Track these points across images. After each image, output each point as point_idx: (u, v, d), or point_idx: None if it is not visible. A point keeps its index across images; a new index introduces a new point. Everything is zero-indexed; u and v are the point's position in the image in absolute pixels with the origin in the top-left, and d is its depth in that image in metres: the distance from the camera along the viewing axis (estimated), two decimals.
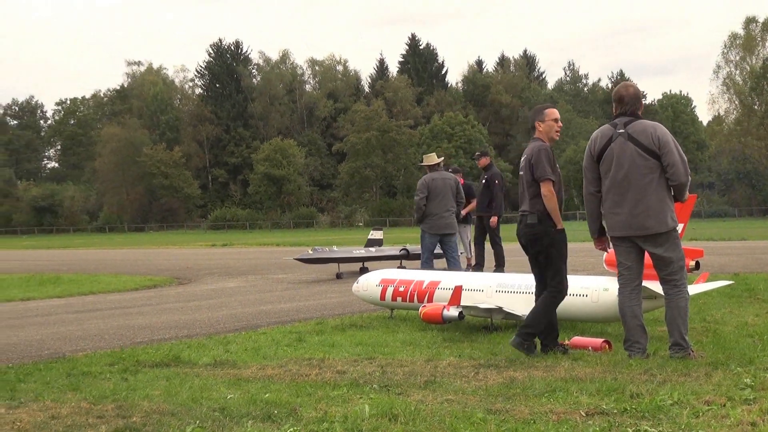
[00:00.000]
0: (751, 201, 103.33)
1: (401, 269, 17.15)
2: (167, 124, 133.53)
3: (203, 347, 11.79)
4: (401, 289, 13.72)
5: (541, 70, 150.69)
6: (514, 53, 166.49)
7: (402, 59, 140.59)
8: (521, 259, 26.12)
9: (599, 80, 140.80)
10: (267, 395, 8.15)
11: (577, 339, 10.40)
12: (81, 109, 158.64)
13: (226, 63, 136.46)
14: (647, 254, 9.74)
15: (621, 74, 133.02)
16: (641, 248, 9.69)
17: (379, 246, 27.95)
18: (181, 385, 8.91)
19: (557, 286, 10.16)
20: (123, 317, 16.80)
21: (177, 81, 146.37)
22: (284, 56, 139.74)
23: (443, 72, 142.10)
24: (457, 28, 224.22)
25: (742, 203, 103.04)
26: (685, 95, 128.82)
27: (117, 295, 22.47)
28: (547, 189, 10.03)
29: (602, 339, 10.40)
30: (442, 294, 12.86)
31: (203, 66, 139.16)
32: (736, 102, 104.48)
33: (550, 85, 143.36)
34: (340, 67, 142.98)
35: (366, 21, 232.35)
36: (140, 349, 11.82)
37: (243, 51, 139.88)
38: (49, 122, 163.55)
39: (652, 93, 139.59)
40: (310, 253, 26.18)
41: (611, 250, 10.19)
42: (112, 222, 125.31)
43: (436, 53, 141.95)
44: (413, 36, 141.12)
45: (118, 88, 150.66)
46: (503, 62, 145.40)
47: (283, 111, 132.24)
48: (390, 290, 13.89)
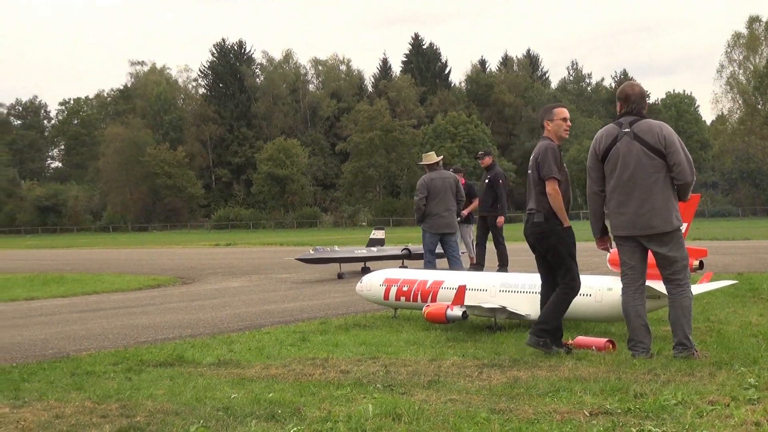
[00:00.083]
0: (755, 200, 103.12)
1: (403, 269, 17.12)
2: (171, 124, 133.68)
3: (207, 347, 11.78)
4: (405, 289, 13.70)
5: (545, 70, 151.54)
6: (518, 53, 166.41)
7: (405, 59, 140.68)
8: (524, 259, 26.21)
9: (602, 80, 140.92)
10: (271, 395, 8.13)
11: (581, 339, 10.38)
12: (84, 109, 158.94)
13: (230, 63, 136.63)
14: (650, 254, 9.74)
15: (624, 74, 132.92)
16: (645, 248, 9.68)
17: (381, 246, 27.88)
18: (185, 385, 8.90)
19: (569, 283, 10.16)
20: (127, 317, 16.80)
21: (180, 81, 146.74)
22: (287, 56, 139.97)
23: (446, 71, 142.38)
24: (461, 28, 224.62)
25: (746, 203, 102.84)
26: (689, 95, 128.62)
27: (121, 295, 22.47)
28: (552, 187, 10.03)
29: (606, 339, 10.37)
30: (446, 293, 12.84)
31: (206, 66, 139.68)
32: (740, 101, 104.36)
33: (554, 85, 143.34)
34: (344, 67, 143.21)
35: (369, 21, 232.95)
36: (144, 349, 11.82)
37: (246, 51, 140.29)
38: (53, 122, 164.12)
39: (656, 92, 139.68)
40: (312, 253, 26.05)
41: (614, 250, 10.17)
42: (116, 222, 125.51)
43: (440, 53, 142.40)
44: (416, 36, 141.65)
45: (122, 88, 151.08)
46: (506, 62, 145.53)
47: (287, 111, 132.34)
48: (393, 290, 13.87)
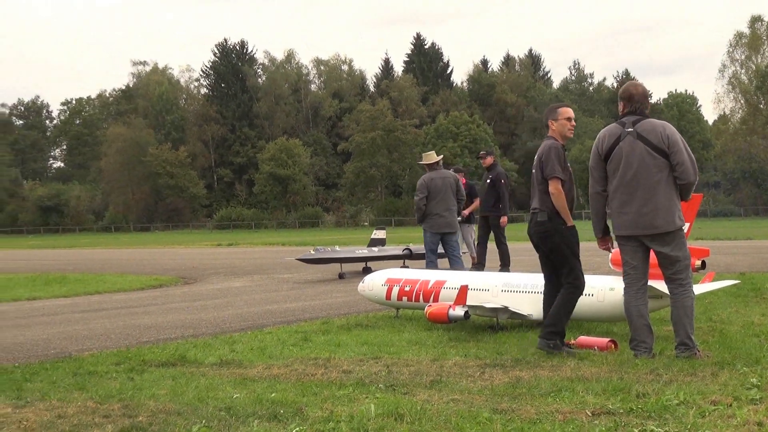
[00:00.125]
0: (757, 200, 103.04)
1: (405, 269, 17.10)
2: (173, 124, 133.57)
3: (209, 347, 11.78)
4: (407, 289, 13.69)
5: (547, 70, 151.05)
6: (520, 53, 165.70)
7: (407, 59, 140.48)
8: (526, 259, 26.23)
9: (604, 79, 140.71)
10: (273, 395, 8.13)
11: (583, 338, 10.37)
12: (86, 109, 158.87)
13: (232, 63, 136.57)
14: (652, 253, 9.74)
15: (626, 73, 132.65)
16: (647, 248, 9.68)
17: (382, 246, 27.78)
18: (187, 385, 8.90)
19: (574, 282, 10.16)
20: (129, 317, 16.80)
21: (182, 81, 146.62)
22: (289, 56, 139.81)
23: (448, 71, 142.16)
24: (462, 28, 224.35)
25: (748, 202, 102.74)
26: (691, 94, 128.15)
27: (123, 295, 22.47)
28: (555, 187, 10.03)
29: (608, 338, 10.35)
30: (448, 293, 12.84)
31: (208, 66, 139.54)
32: (742, 101, 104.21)
33: (556, 85, 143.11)
34: (345, 67, 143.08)
35: (371, 20, 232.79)
36: (146, 349, 11.82)
37: (248, 51, 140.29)
38: (55, 122, 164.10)
39: (658, 92, 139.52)
40: (312, 254, 25.97)
41: (616, 250, 10.17)
42: (118, 222, 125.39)
43: (442, 53, 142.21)
44: (418, 35, 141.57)
45: (124, 88, 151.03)
46: (508, 62, 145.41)
47: (289, 111, 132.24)
48: (396, 290, 13.87)
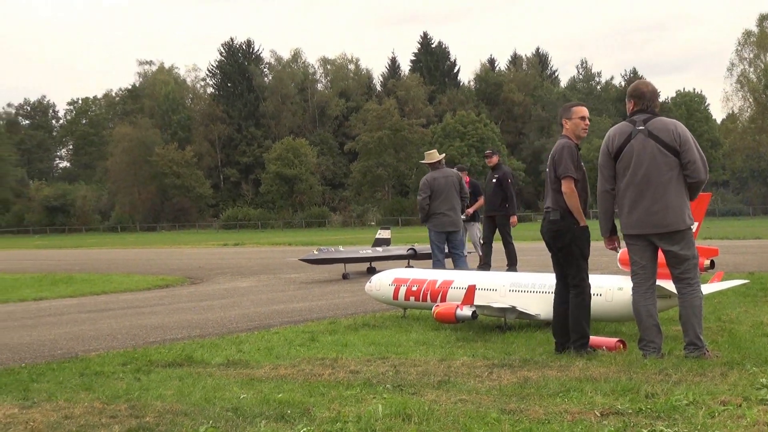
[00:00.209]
0: (766, 199, 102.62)
1: (412, 268, 17.03)
2: (179, 124, 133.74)
3: (216, 347, 11.78)
4: (414, 289, 13.68)
5: (554, 68, 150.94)
6: (527, 51, 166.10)
7: (414, 58, 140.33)
8: (534, 258, 26.21)
9: (612, 78, 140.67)
10: (280, 395, 8.12)
11: (592, 339, 10.30)
12: (93, 109, 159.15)
13: (238, 62, 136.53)
14: (661, 253, 9.69)
15: (634, 72, 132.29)
16: (656, 247, 9.64)
17: (387, 245, 27.69)
18: (194, 385, 8.90)
19: (579, 284, 10.11)
20: (135, 317, 16.82)
21: (188, 80, 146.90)
22: (296, 55, 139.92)
23: (455, 70, 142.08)
24: (469, 27, 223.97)
25: (757, 201, 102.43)
26: (699, 93, 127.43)
27: (129, 295, 22.50)
28: (568, 186, 9.98)
29: (617, 338, 10.36)
30: (456, 293, 12.82)
31: (215, 65, 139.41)
32: (751, 99, 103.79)
33: (563, 84, 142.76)
34: (352, 66, 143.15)
35: (378, 20, 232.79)
36: (153, 349, 11.83)
37: (254, 50, 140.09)
38: (61, 122, 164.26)
39: (666, 91, 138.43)
40: (316, 254, 25.79)
41: (624, 249, 10.13)
42: (124, 221, 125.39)
43: (448, 52, 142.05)
44: (425, 34, 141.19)
45: (130, 88, 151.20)
46: (516, 60, 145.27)
47: (295, 110, 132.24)
48: (403, 290, 13.85)
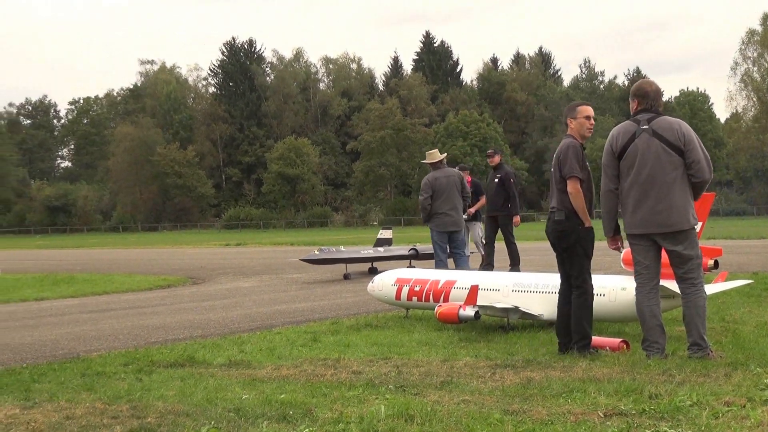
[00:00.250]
0: None
1: (413, 269, 16.99)
2: (181, 123, 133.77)
3: (218, 347, 11.77)
4: (417, 289, 13.65)
5: (557, 68, 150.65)
6: (530, 50, 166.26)
7: (416, 57, 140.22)
8: (536, 258, 26.19)
9: (615, 77, 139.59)
10: (282, 396, 8.11)
11: (595, 339, 10.27)
12: (94, 109, 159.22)
13: (240, 61, 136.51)
14: (664, 253, 9.66)
15: (637, 71, 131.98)
16: (659, 247, 9.60)
17: (389, 245, 27.58)
18: (196, 386, 8.89)
19: (582, 285, 10.07)
20: (137, 317, 16.81)
21: (190, 80, 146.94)
22: (298, 54, 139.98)
23: (458, 70, 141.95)
24: (472, 26, 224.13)
25: (761, 201, 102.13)
26: (703, 92, 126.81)
27: (131, 295, 22.50)
28: (573, 186, 9.94)
29: (620, 339, 10.33)
30: (458, 293, 12.80)
31: (216, 65, 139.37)
32: (754, 99, 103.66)
33: (566, 83, 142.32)
34: (354, 66, 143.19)
35: (380, 19, 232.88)
36: (154, 349, 11.82)
37: (256, 49, 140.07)
38: (63, 121, 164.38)
39: (669, 90, 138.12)
40: (317, 254, 25.68)
41: (627, 249, 10.09)
42: (126, 221, 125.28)
43: (451, 51, 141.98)
44: (428, 34, 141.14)
45: (132, 87, 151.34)
46: (518, 59, 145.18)
47: (297, 109, 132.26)
48: (405, 290, 13.83)
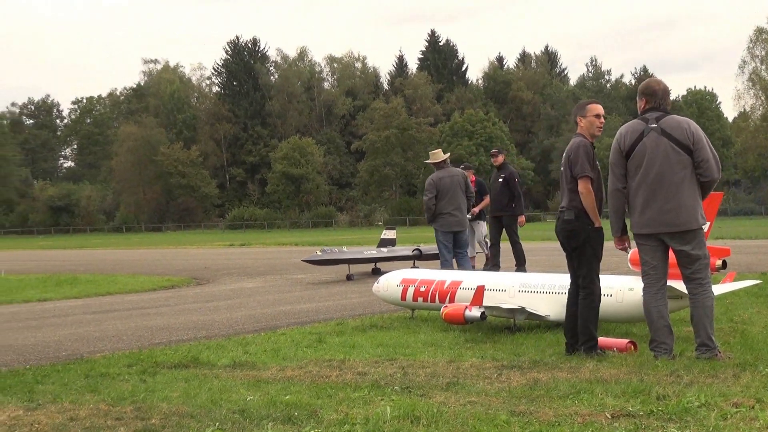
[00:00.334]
0: None
1: (419, 269, 16.94)
2: (184, 123, 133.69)
3: (222, 348, 11.75)
4: (422, 289, 13.62)
5: (563, 66, 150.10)
6: (536, 49, 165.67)
7: (421, 56, 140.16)
8: (542, 259, 26.17)
9: (622, 76, 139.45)
10: (287, 397, 8.09)
11: (602, 340, 10.24)
12: (97, 108, 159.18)
13: (244, 61, 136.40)
14: (671, 253, 9.61)
15: (644, 70, 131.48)
16: (667, 247, 9.57)
17: (392, 246, 27.43)
18: (200, 387, 8.88)
19: (589, 286, 10.03)
20: (141, 318, 16.80)
21: (194, 79, 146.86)
22: (302, 53, 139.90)
23: (463, 69, 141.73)
24: (477, 25, 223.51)
25: None
26: (710, 91, 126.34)
27: (135, 296, 22.49)
28: (584, 186, 9.90)
29: (627, 340, 10.30)
30: (464, 294, 12.77)
31: (220, 64, 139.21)
32: (763, 98, 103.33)
33: (573, 82, 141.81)
34: (359, 65, 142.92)
35: (385, 17, 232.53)
36: (159, 351, 11.81)
37: (260, 48, 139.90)
38: (65, 121, 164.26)
39: (677, 89, 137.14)
40: (319, 254, 25.51)
41: (634, 249, 10.05)
42: (129, 222, 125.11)
43: (456, 50, 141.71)
44: (433, 32, 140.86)
45: (135, 87, 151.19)
46: (524, 58, 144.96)
47: (301, 109, 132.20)
48: (411, 290, 13.79)
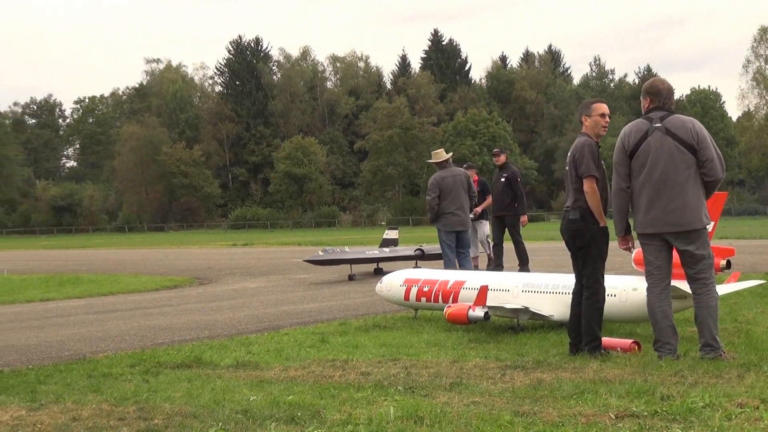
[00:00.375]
0: None
1: (421, 269, 16.90)
2: (187, 123, 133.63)
3: (225, 348, 11.74)
4: (426, 289, 13.60)
5: (567, 66, 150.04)
6: (539, 48, 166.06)
7: (424, 55, 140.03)
8: (546, 259, 26.14)
9: (626, 75, 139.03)
10: (290, 397, 8.08)
11: (606, 340, 10.22)
12: (100, 108, 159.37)
13: (246, 60, 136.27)
14: (675, 253, 9.58)
15: (648, 69, 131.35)
16: (671, 247, 9.54)
17: (395, 246, 27.34)
18: (203, 387, 8.87)
19: (593, 286, 10.00)
20: (143, 318, 16.79)
21: (196, 78, 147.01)
22: (305, 53, 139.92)
23: (466, 68, 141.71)
24: (481, 24, 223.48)
25: None
26: (714, 90, 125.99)
27: (137, 296, 22.48)
28: (590, 186, 9.87)
29: (631, 340, 10.28)
30: (468, 294, 12.74)
31: (223, 63, 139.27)
32: (767, 97, 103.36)
33: (576, 81, 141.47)
34: (362, 64, 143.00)
35: (388, 16, 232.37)
36: (161, 351, 11.80)
37: (263, 48, 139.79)
38: (68, 121, 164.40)
39: (680, 88, 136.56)
40: (321, 255, 25.43)
41: (638, 249, 10.02)
42: (132, 221, 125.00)
43: (459, 49, 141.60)
44: (436, 32, 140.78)
45: (137, 86, 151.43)
46: (528, 58, 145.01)
47: (304, 108, 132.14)
48: (414, 290, 13.78)
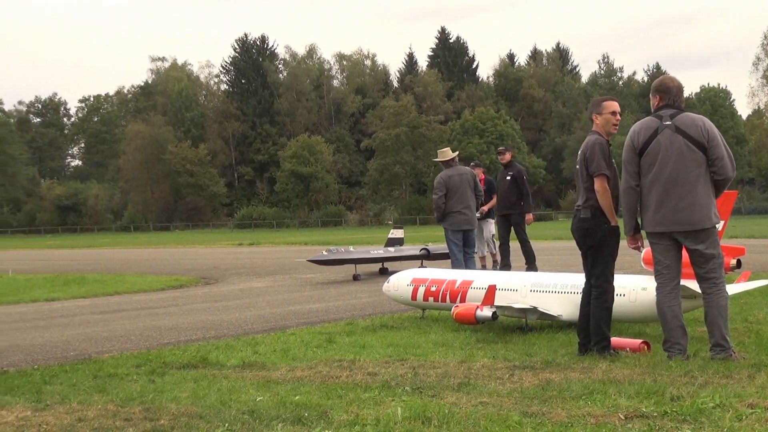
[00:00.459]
0: None
1: (427, 268, 16.85)
2: (192, 121, 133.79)
3: (231, 348, 11.73)
4: (433, 289, 13.58)
5: (575, 64, 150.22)
6: (547, 46, 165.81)
7: (432, 53, 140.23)
8: (554, 258, 26.13)
9: (634, 73, 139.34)
10: (297, 397, 8.06)
11: (615, 340, 10.19)
12: (105, 106, 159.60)
13: (252, 58, 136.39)
14: (685, 252, 9.53)
15: (657, 67, 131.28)
16: (680, 246, 9.50)
17: (400, 245, 27.28)
18: (209, 387, 8.86)
19: (602, 285, 9.95)
20: (149, 318, 16.80)
21: (202, 77, 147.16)
22: (311, 51, 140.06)
23: (474, 66, 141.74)
24: (488, 21, 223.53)
25: None
26: (724, 88, 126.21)
27: (143, 296, 22.50)
28: (601, 185, 9.81)
29: (640, 340, 10.24)
30: (475, 294, 12.71)
31: (228, 61, 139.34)
32: None
33: (584, 79, 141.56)
34: (369, 62, 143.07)
35: (394, 14, 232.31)
36: (167, 351, 11.79)
37: (269, 46, 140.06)
38: (73, 120, 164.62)
39: (690, 86, 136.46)
40: (325, 254, 25.38)
41: (648, 249, 9.97)
42: (137, 221, 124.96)
43: (467, 47, 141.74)
44: (443, 29, 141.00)
45: (142, 85, 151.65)
46: (536, 56, 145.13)
47: (310, 107, 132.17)
48: (421, 290, 13.75)
